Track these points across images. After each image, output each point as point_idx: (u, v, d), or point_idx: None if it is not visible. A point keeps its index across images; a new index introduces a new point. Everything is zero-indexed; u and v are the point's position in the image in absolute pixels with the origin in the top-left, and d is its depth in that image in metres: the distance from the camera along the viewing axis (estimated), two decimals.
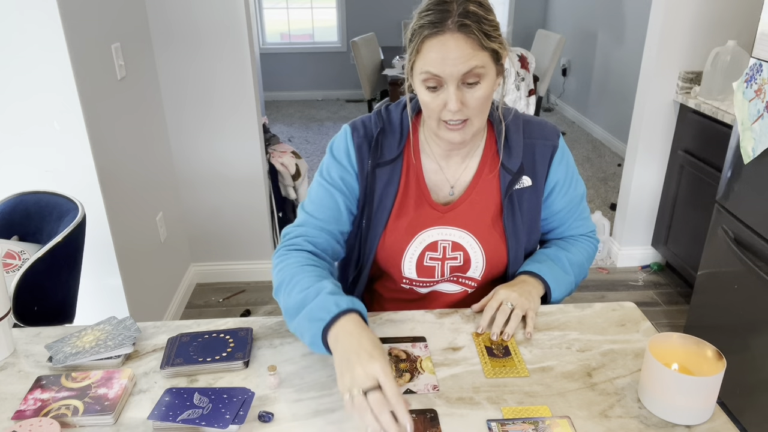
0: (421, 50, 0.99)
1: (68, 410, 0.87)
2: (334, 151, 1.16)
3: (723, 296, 2.00)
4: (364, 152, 1.14)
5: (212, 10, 2.40)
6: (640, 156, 2.81)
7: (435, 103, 1.02)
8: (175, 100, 2.54)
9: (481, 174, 1.16)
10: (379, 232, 1.15)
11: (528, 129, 1.17)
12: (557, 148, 1.17)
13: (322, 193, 1.15)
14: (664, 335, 0.91)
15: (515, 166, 1.14)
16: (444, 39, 0.97)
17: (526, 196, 1.16)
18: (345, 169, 1.15)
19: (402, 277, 1.19)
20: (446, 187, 1.17)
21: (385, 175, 1.14)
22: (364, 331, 0.89)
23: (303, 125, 5.67)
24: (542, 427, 0.85)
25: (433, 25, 0.97)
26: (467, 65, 0.97)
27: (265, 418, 0.86)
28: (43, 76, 1.74)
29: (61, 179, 1.87)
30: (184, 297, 2.72)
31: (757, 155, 1.78)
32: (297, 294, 0.98)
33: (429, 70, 0.99)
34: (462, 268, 1.17)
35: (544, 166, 1.16)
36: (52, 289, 1.48)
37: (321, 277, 1.01)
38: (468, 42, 0.97)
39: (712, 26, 2.56)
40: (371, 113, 1.18)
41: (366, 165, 1.14)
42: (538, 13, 6.51)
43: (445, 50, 0.97)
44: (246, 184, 2.72)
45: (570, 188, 1.20)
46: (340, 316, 0.92)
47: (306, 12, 6.57)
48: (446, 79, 0.99)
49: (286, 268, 1.05)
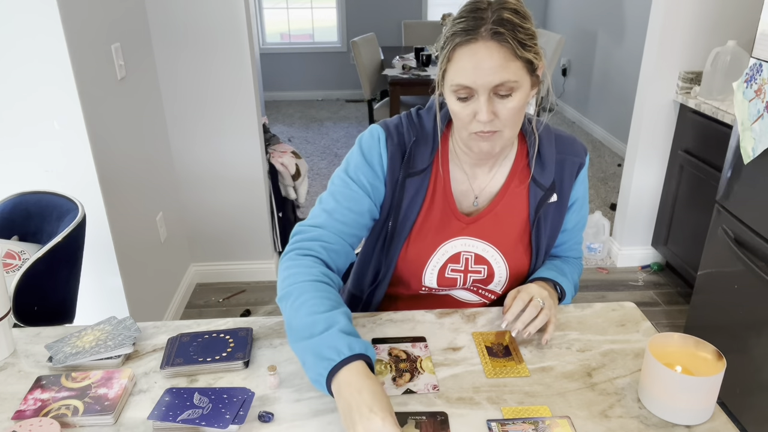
0: (453, 58, 0.97)
1: (68, 410, 0.87)
2: (365, 152, 1.11)
3: (723, 296, 2.00)
4: (396, 161, 1.10)
5: (212, 10, 2.39)
6: (640, 156, 2.81)
7: (465, 112, 0.99)
8: (175, 100, 2.54)
9: (509, 186, 1.13)
10: (402, 242, 1.12)
11: (560, 144, 1.15)
12: (583, 166, 1.16)
13: (348, 193, 1.09)
14: (664, 335, 0.91)
15: (548, 181, 1.12)
16: (476, 48, 0.94)
17: (551, 212, 1.15)
18: (375, 174, 1.10)
19: (422, 286, 1.17)
20: (471, 197, 1.15)
21: (414, 185, 1.11)
22: (366, 381, 0.82)
23: (303, 125, 5.67)
24: (542, 427, 0.85)
25: (466, 33, 0.94)
26: (499, 77, 0.94)
27: (265, 418, 0.86)
28: (43, 76, 1.74)
29: (61, 179, 1.87)
30: (184, 297, 2.72)
31: (757, 155, 1.78)
32: (305, 316, 0.91)
33: (460, 82, 0.96)
34: (485, 281, 1.16)
35: (571, 183, 1.15)
36: (52, 289, 1.48)
37: (333, 305, 0.94)
38: (501, 51, 0.93)
39: (712, 26, 2.56)
40: (401, 116, 1.14)
41: (397, 174, 1.10)
42: (538, 13, 6.50)
43: (477, 59, 0.94)
44: (246, 184, 2.72)
45: (582, 208, 1.20)
46: (349, 360, 0.85)
47: (306, 12, 6.57)
48: (477, 90, 0.96)
49: (296, 277, 0.98)
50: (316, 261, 1.02)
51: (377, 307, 1.21)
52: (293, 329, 0.92)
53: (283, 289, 0.98)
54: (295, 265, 1.00)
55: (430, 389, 0.92)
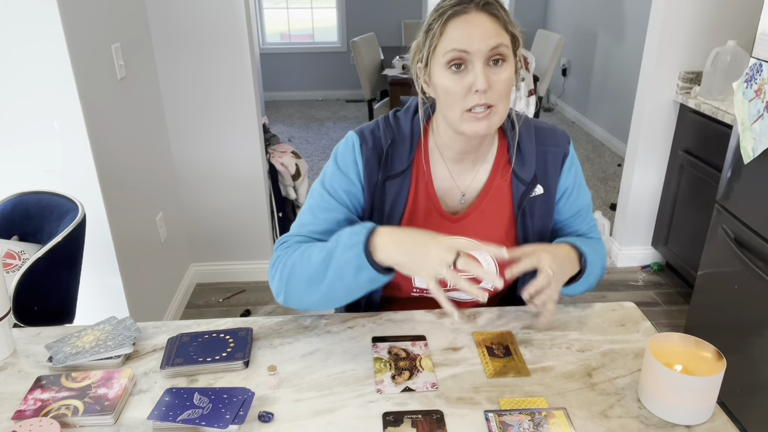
0: (445, 32, 0.98)
1: (68, 410, 0.87)
2: (339, 161, 1.11)
3: (723, 296, 2.00)
4: (373, 165, 1.10)
5: (212, 10, 2.40)
6: (640, 156, 2.81)
7: (459, 86, 0.98)
8: (175, 100, 2.54)
9: (493, 182, 1.13)
10: None
11: (540, 136, 1.14)
12: (568, 155, 1.15)
13: (324, 206, 1.10)
14: (664, 335, 0.91)
15: (528, 176, 1.12)
16: (469, 17, 0.96)
17: (537, 205, 1.14)
18: (351, 181, 1.11)
19: (412, 288, 1.16)
20: (457, 195, 1.14)
21: (395, 187, 1.10)
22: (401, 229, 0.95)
23: (303, 125, 5.67)
24: (539, 418, 0.85)
25: (457, 5, 0.97)
26: (494, 40, 0.96)
27: (265, 418, 0.87)
28: (43, 76, 1.74)
29: (61, 179, 1.87)
30: (184, 297, 2.72)
31: (757, 155, 1.78)
32: (318, 254, 0.99)
33: (455, 46, 0.96)
34: (475, 280, 1.13)
35: (556, 174, 1.14)
36: (52, 289, 1.48)
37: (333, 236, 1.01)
38: (492, 21, 0.97)
39: (712, 26, 2.56)
40: (379, 120, 1.14)
41: (375, 178, 1.10)
42: (538, 13, 6.51)
43: (471, 27, 0.96)
44: (246, 184, 2.72)
45: (579, 195, 1.18)
46: (371, 233, 0.95)
47: (306, 12, 6.57)
48: (473, 56, 0.96)
49: (292, 256, 1.04)
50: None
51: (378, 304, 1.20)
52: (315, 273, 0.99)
53: (286, 272, 1.04)
54: (285, 254, 1.06)
55: (429, 387, 0.92)
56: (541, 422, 0.84)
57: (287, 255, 1.05)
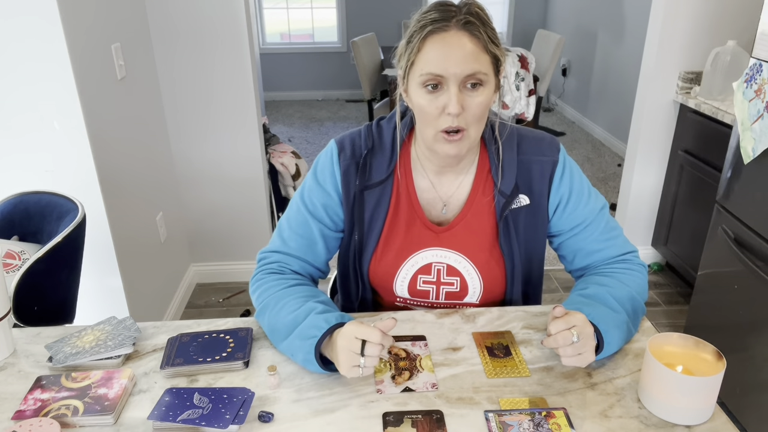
0: (423, 48, 0.95)
1: (68, 410, 0.87)
2: (318, 173, 1.11)
3: (723, 296, 2.00)
4: (351, 175, 1.09)
5: (212, 10, 2.39)
6: (640, 156, 2.81)
7: (433, 105, 0.97)
8: (175, 100, 2.54)
9: (476, 194, 1.11)
10: (370, 254, 1.12)
11: (524, 146, 1.11)
12: (557, 163, 1.10)
13: (300, 219, 1.12)
14: (664, 335, 0.91)
15: (508, 187, 1.09)
16: (448, 36, 0.94)
17: (522, 216, 1.10)
18: (328, 194, 1.10)
19: (396, 297, 1.16)
20: (439, 205, 1.12)
21: (374, 198, 1.09)
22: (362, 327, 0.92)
23: (303, 125, 5.67)
24: (539, 418, 0.85)
25: (437, 22, 0.94)
26: (471, 67, 0.94)
27: (265, 418, 0.87)
28: (43, 76, 1.74)
29: (61, 179, 1.87)
30: (184, 297, 2.72)
31: (757, 155, 1.78)
32: (286, 316, 0.98)
33: (431, 70, 0.95)
34: (458, 294, 1.14)
35: (544, 184, 1.10)
36: (52, 289, 1.48)
37: (308, 297, 1.01)
38: (472, 42, 0.94)
39: (712, 26, 2.56)
40: (362, 128, 1.13)
41: (353, 188, 1.09)
42: (538, 13, 6.50)
43: (449, 48, 0.94)
44: (246, 184, 2.72)
45: (580, 204, 1.12)
46: (331, 331, 0.93)
47: (306, 12, 6.57)
48: (448, 79, 0.95)
49: (269, 290, 1.05)
50: (283, 274, 1.09)
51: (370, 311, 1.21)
52: (278, 332, 0.99)
53: (260, 304, 1.05)
54: (264, 282, 1.07)
55: (429, 387, 0.92)
56: (541, 422, 0.84)
57: (264, 285, 1.07)
